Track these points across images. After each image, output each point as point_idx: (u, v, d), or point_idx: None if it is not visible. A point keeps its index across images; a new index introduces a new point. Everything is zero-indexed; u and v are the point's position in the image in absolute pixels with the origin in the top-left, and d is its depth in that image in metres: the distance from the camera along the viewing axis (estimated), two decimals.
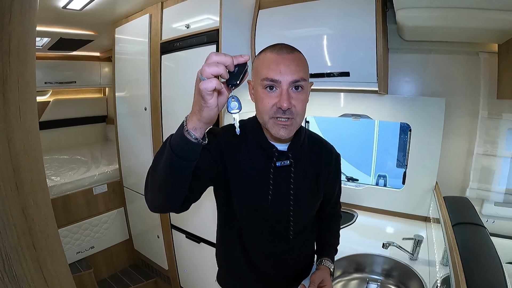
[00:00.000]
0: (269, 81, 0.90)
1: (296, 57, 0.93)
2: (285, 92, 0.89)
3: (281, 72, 0.89)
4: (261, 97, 0.93)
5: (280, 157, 1.02)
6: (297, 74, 0.90)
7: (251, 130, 1.05)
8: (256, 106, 0.99)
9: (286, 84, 0.89)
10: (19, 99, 0.63)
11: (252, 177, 1.03)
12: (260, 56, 0.97)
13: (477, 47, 1.72)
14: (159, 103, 2.22)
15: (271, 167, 1.01)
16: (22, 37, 0.64)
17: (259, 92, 0.94)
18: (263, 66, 0.92)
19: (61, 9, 2.12)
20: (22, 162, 0.63)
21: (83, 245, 2.72)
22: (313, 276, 1.11)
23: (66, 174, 2.73)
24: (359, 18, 1.62)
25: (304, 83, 0.92)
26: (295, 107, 0.91)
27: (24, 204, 0.63)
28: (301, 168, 1.05)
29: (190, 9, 1.94)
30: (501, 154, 1.73)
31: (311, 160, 1.09)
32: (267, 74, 0.90)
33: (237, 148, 1.03)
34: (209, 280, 1.45)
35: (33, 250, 0.64)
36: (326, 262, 1.17)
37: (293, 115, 0.92)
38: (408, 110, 1.88)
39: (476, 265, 0.96)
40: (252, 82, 1.00)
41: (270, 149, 1.02)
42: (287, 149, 1.03)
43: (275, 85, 0.90)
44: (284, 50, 0.92)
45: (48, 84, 3.30)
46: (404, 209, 1.98)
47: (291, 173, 1.03)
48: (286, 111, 0.90)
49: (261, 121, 0.98)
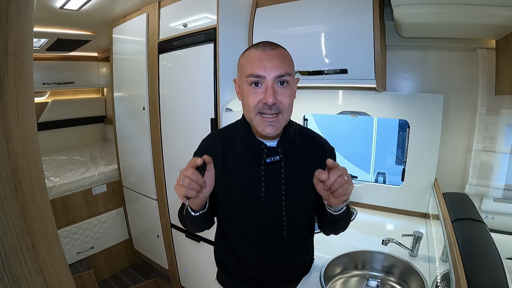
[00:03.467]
0: (254, 77, 0.91)
1: (280, 52, 0.93)
2: (270, 87, 0.90)
3: (265, 68, 0.90)
4: (247, 94, 0.94)
5: (269, 154, 1.01)
6: (281, 69, 0.90)
7: (239, 131, 1.06)
8: (242, 104, 1.00)
9: (271, 79, 0.90)
10: (16, 100, 0.63)
11: (244, 177, 1.03)
12: (244, 54, 0.98)
13: (475, 43, 1.72)
14: (157, 102, 2.22)
15: (261, 164, 1.01)
16: (19, 38, 0.64)
17: (244, 89, 0.95)
18: (248, 63, 0.93)
19: (58, 9, 2.12)
20: (20, 162, 0.63)
21: (83, 245, 2.72)
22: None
23: (65, 174, 2.73)
24: (356, 15, 1.62)
25: (289, 78, 0.93)
26: (281, 102, 0.92)
27: (23, 204, 0.63)
28: (292, 164, 1.04)
29: (187, 8, 1.94)
30: (500, 150, 1.73)
31: (303, 155, 1.07)
32: (252, 71, 0.91)
33: (223, 154, 1.04)
34: (209, 279, 1.45)
35: (33, 250, 0.64)
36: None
37: (279, 110, 0.92)
38: (406, 106, 1.88)
39: (476, 261, 0.96)
40: (238, 81, 1.01)
41: (259, 146, 1.01)
42: (276, 145, 1.03)
43: (260, 81, 0.91)
44: (267, 46, 0.93)
45: (46, 85, 3.30)
46: (404, 206, 1.98)
47: (282, 169, 1.02)
48: (272, 107, 0.91)
49: (248, 118, 0.99)
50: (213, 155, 1.03)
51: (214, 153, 1.04)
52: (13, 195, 0.61)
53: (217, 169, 1.02)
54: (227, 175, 1.03)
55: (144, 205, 2.64)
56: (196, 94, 1.96)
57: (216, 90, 1.81)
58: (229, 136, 1.08)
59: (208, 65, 1.81)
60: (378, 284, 1.39)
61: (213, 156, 1.03)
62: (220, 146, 1.06)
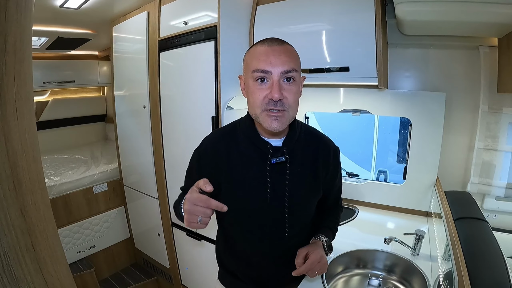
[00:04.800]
0: (260, 73, 0.90)
1: (287, 48, 0.92)
2: (276, 83, 0.89)
3: (272, 63, 0.88)
4: (252, 90, 0.93)
5: (275, 154, 1.00)
6: (288, 64, 0.89)
7: (243, 129, 1.05)
8: (247, 101, 0.98)
9: (277, 74, 0.89)
10: (16, 98, 0.63)
11: (249, 176, 1.02)
12: (250, 50, 0.96)
13: (477, 41, 1.71)
14: (158, 100, 2.21)
15: (266, 164, 1.00)
16: (19, 35, 0.63)
17: (250, 85, 0.94)
18: (253, 59, 0.92)
19: (58, 8, 2.11)
20: (20, 162, 0.63)
21: (84, 244, 2.72)
22: (299, 250, 1.08)
23: (66, 173, 2.73)
24: (358, 13, 1.61)
25: (296, 74, 0.91)
26: (286, 98, 0.90)
27: (22, 204, 0.62)
28: (298, 164, 1.03)
29: (188, 5, 1.93)
30: (502, 148, 1.73)
31: (308, 155, 1.06)
32: (258, 66, 0.90)
33: (227, 152, 1.03)
34: (210, 278, 1.45)
35: (33, 251, 0.63)
36: (318, 237, 1.13)
37: (284, 107, 0.91)
38: (408, 105, 1.87)
39: (479, 260, 0.95)
40: (243, 77, 0.99)
41: (264, 146, 1.00)
42: (281, 144, 1.02)
43: (266, 77, 0.90)
44: (274, 42, 0.92)
45: (46, 84, 3.30)
46: (405, 204, 1.97)
47: (287, 169, 1.01)
48: (277, 103, 0.89)
49: (253, 115, 0.97)
50: (215, 152, 1.03)
51: (217, 150, 1.03)
52: (13, 195, 0.60)
53: (220, 167, 1.01)
54: (231, 173, 1.02)
55: (145, 204, 2.63)
56: (197, 92, 1.95)
57: (217, 88, 1.81)
58: (233, 134, 1.07)
59: (209, 63, 1.80)
60: (380, 283, 1.38)
61: (215, 153, 1.03)
62: (223, 143, 1.05)
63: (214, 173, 1.02)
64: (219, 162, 1.03)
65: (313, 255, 1.03)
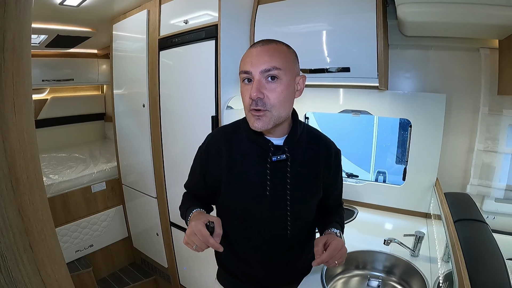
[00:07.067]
0: (244, 74, 0.92)
1: (271, 47, 0.92)
2: (256, 82, 0.89)
3: (252, 63, 0.89)
4: (241, 91, 0.96)
5: (276, 152, 1.00)
6: (268, 63, 0.89)
7: (245, 127, 1.04)
8: None
9: (257, 74, 0.89)
10: (14, 96, 0.62)
11: (249, 176, 1.02)
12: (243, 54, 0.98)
13: (478, 43, 1.71)
14: (158, 99, 2.20)
15: (267, 162, 1.00)
16: (17, 32, 0.62)
17: (240, 87, 0.96)
18: (241, 61, 0.94)
19: (58, 5, 2.10)
20: (18, 161, 0.62)
21: (82, 243, 2.71)
22: (317, 239, 1.04)
23: (65, 172, 2.71)
24: (359, 14, 1.60)
25: (279, 72, 0.90)
26: (268, 98, 0.90)
27: (20, 203, 0.62)
28: (298, 163, 1.03)
29: (188, 4, 1.93)
30: (502, 150, 1.73)
31: (309, 155, 1.06)
32: (243, 67, 0.92)
33: (229, 150, 1.04)
34: (209, 278, 1.44)
35: (30, 251, 0.63)
36: (331, 229, 1.08)
37: (266, 106, 0.90)
38: (408, 106, 1.87)
39: (479, 261, 0.95)
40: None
41: (265, 144, 1.00)
42: (283, 143, 1.02)
43: (250, 77, 0.91)
44: (260, 43, 0.93)
45: (45, 81, 3.28)
46: (405, 206, 1.97)
47: (288, 168, 1.01)
48: (258, 102, 0.89)
49: (245, 115, 0.99)
50: (218, 150, 1.04)
51: (219, 148, 1.04)
52: (10, 194, 0.59)
53: (222, 165, 1.02)
54: (232, 171, 1.03)
55: (143, 203, 2.63)
56: (196, 92, 1.94)
57: (217, 88, 1.80)
58: (236, 132, 1.07)
59: (209, 63, 1.80)
60: (379, 284, 1.38)
61: (217, 151, 1.04)
62: (225, 141, 1.05)
63: (216, 170, 1.04)
64: (220, 159, 1.03)
65: (334, 241, 0.98)
